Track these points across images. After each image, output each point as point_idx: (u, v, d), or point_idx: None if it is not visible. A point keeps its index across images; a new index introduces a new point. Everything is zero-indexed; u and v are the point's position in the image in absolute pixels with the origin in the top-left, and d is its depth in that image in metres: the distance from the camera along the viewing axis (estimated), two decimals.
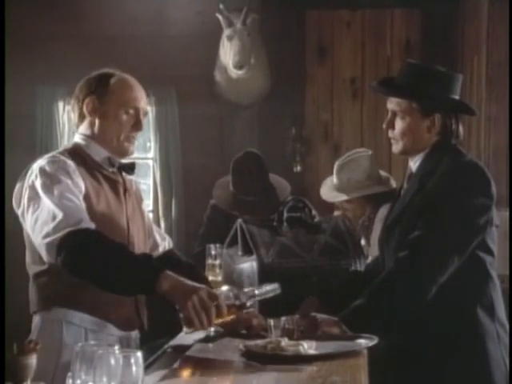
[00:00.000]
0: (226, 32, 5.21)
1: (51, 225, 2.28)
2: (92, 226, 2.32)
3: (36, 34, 5.52)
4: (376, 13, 5.59)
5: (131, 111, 2.54)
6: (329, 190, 4.08)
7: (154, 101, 5.44)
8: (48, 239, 2.27)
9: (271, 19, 5.41)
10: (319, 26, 5.62)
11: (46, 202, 2.33)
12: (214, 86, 5.44)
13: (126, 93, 2.55)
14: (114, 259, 2.24)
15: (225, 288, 2.42)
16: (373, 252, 3.24)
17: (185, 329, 2.27)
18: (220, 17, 5.20)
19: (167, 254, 2.78)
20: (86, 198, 2.41)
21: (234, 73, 5.21)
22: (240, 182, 4.25)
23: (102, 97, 2.53)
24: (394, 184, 4.06)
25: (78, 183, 2.41)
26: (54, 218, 2.29)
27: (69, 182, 2.39)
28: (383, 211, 3.86)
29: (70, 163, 2.45)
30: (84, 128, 2.58)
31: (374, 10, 5.59)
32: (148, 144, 5.78)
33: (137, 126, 2.55)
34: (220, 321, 2.29)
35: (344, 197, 3.97)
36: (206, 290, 2.24)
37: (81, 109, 2.57)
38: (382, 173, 4.17)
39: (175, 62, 5.48)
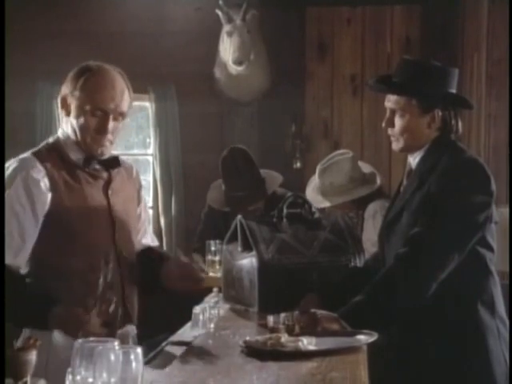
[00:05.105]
0: (226, 28, 5.21)
1: None
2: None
3: (36, 31, 5.53)
4: (376, 9, 5.60)
5: (98, 113, 2.33)
6: (313, 192, 4.05)
7: (153, 97, 5.45)
8: None
9: (271, 15, 5.41)
10: (319, 23, 5.63)
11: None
12: (213, 83, 5.44)
13: (96, 92, 2.34)
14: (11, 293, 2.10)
15: None
16: (366, 248, 3.24)
17: None
18: (220, 13, 5.21)
19: (146, 252, 2.64)
20: (57, 197, 2.31)
21: (234, 69, 5.21)
22: (229, 178, 4.25)
23: (72, 94, 2.36)
24: (379, 180, 4.03)
25: (35, 202, 2.28)
26: None
27: (22, 210, 2.26)
28: (372, 207, 3.86)
29: (39, 170, 2.31)
30: (64, 123, 2.44)
31: (374, 6, 5.59)
32: (148, 140, 5.79)
33: (100, 129, 2.34)
34: None
35: (327, 203, 3.95)
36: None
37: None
38: (367, 169, 4.11)
39: (175, 59, 5.49)
